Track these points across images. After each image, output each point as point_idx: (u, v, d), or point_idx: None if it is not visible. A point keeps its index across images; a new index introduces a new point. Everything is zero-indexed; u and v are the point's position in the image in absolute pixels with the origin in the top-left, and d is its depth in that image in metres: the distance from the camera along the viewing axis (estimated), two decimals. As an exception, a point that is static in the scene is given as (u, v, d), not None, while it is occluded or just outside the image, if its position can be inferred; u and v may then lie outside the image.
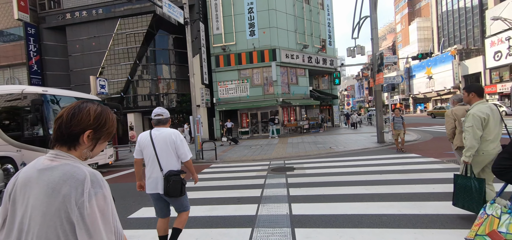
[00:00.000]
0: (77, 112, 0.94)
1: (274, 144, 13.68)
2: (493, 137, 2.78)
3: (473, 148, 2.77)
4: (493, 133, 2.79)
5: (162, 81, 21.47)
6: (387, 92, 11.73)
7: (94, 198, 0.85)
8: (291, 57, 18.47)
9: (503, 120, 2.91)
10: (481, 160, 2.87)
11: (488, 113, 2.77)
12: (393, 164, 6.48)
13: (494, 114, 2.82)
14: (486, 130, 2.79)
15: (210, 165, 8.96)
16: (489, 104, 2.91)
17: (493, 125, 2.79)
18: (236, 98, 18.28)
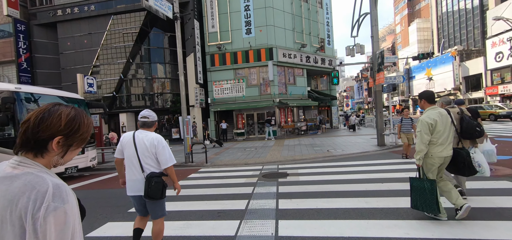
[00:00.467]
0: (47, 116, 0.87)
1: (270, 146, 13.11)
2: (441, 141, 2.93)
3: (422, 152, 2.93)
4: (442, 137, 2.93)
5: (156, 81, 20.88)
6: (388, 93, 11.17)
7: (53, 213, 0.77)
8: (289, 57, 17.92)
9: (454, 124, 3.06)
10: (431, 162, 3.01)
11: (435, 119, 2.92)
12: (396, 171, 5.91)
13: (442, 119, 2.96)
14: (434, 134, 2.93)
15: (199, 169, 8.38)
16: (439, 110, 3.05)
17: (441, 129, 2.93)
18: (231, 99, 17.71)
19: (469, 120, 3.45)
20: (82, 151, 8.03)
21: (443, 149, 2.97)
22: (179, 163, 9.47)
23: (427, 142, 2.94)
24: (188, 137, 9.37)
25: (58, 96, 8.19)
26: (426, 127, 2.95)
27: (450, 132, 3.04)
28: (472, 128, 3.38)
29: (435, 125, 2.94)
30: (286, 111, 18.51)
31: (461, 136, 3.52)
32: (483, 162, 3.43)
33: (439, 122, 2.96)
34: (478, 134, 3.43)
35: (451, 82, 36.53)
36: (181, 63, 9.42)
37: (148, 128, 2.56)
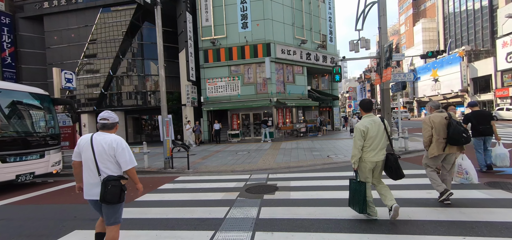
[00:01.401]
0: None
1: (265, 149, 11.92)
2: (373, 146, 3.12)
3: (356, 156, 3.16)
4: (373, 142, 3.12)
5: (149, 78, 19.77)
6: (397, 92, 9.95)
7: None
8: (288, 53, 16.72)
9: (387, 131, 3.23)
10: (364, 166, 3.19)
11: (367, 126, 3.13)
12: (415, 188, 4.67)
13: (375, 126, 3.15)
14: (366, 140, 3.12)
15: (177, 177, 7.21)
16: (373, 118, 3.22)
17: (373, 135, 3.12)
18: (226, 97, 16.55)
19: (456, 125, 3.39)
20: (41, 155, 6.91)
21: (375, 154, 3.12)
22: (157, 168, 8.31)
23: (360, 147, 3.12)
24: (168, 139, 8.21)
25: (18, 90, 7.08)
26: (359, 133, 3.13)
27: (382, 138, 3.18)
28: (459, 133, 3.33)
29: (367, 132, 3.11)
30: (284, 111, 17.31)
31: (447, 141, 3.47)
32: (471, 169, 3.49)
33: (371, 128, 3.12)
34: (464, 140, 3.37)
35: (458, 83, 35.11)
36: (161, 54, 8.27)
37: (108, 130, 2.48)
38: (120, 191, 2.32)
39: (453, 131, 3.38)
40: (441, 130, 3.55)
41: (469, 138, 3.44)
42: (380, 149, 3.14)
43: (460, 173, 3.89)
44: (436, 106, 3.80)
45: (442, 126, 3.53)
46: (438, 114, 3.59)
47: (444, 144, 3.51)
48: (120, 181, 2.35)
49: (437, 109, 3.74)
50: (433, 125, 3.56)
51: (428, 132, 3.61)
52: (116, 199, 2.30)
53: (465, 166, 3.64)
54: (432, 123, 3.58)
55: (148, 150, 13.23)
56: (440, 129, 3.56)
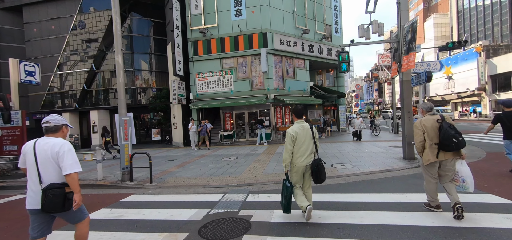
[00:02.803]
0: None
1: (257, 154, 10.07)
2: (301, 152, 3.26)
3: (286, 160, 3.29)
4: (301, 148, 3.27)
5: (137, 73, 18.14)
6: (418, 86, 7.97)
7: None
8: (287, 44, 14.82)
9: (314, 137, 3.37)
10: (294, 169, 3.35)
11: (297, 132, 3.28)
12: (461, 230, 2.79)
13: (303, 132, 3.31)
14: (295, 145, 3.26)
15: (129, 195, 5.44)
16: (303, 124, 3.39)
17: (301, 141, 3.27)
18: (217, 94, 14.76)
19: (446, 129, 3.16)
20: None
21: (304, 159, 3.28)
22: (112, 181, 6.54)
23: (291, 151, 3.27)
24: (126, 144, 6.44)
25: None
26: (289, 138, 3.28)
27: (310, 143, 3.32)
28: (448, 138, 3.11)
29: (296, 137, 3.26)
30: (283, 110, 15.41)
31: (439, 146, 3.25)
32: (468, 177, 3.21)
33: (300, 134, 3.29)
34: (455, 145, 3.10)
35: (474, 81, 32.54)
36: (118, 39, 6.50)
37: (51, 133, 2.36)
38: (63, 200, 2.21)
39: (443, 135, 3.15)
40: (434, 134, 3.29)
41: (460, 143, 3.12)
42: (309, 154, 3.30)
43: (457, 180, 3.40)
44: (428, 108, 3.51)
45: (434, 129, 3.29)
46: (430, 118, 3.37)
47: (437, 149, 3.27)
48: (64, 188, 2.24)
49: (429, 112, 3.47)
50: (425, 129, 3.33)
51: (420, 137, 3.38)
52: (58, 208, 2.20)
53: (462, 173, 3.29)
54: (423, 127, 3.35)
55: (113, 155, 11.52)
56: (433, 133, 3.30)
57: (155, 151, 13.41)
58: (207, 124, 13.72)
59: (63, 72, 17.11)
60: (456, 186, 3.32)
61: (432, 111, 3.47)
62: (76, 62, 16.94)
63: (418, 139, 3.39)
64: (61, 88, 17.32)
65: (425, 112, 3.51)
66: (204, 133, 12.45)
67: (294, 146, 3.24)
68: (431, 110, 3.48)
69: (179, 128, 15.13)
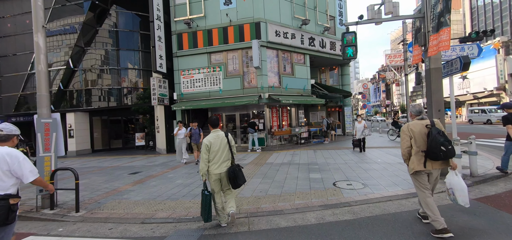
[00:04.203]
0: None
1: (242, 165, 8.16)
2: (216, 160, 3.37)
3: (203, 169, 3.36)
4: (216, 156, 3.37)
5: (122, 72, 16.49)
6: (451, 76, 5.96)
7: None
8: (284, 36, 12.95)
9: (230, 145, 3.47)
10: (210, 178, 3.43)
11: (211, 141, 3.38)
12: None
13: (217, 141, 3.40)
14: (210, 154, 3.36)
15: (28, 235, 3.62)
16: (218, 133, 3.48)
17: (215, 149, 3.36)
18: (204, 94, 12.95)
19: (435, 135, 2.82)
20: None
21: (218, 166, 3.38)
22: (28, 207, 4.74)
23: (206, 160, 3.36)
24: (48, 156, 4.63)
25: None
26: (204, 147, 3.37)
27: (224, 152, 3.41)
28: (436, 145, 2.78)
29: (210, 146, 3.36)
30: (280, 111, 13.49)
31: (426, 154, 2.92)
32: (459, 190, 2.91)
33: (214, 143, 3.38)
34: (443, 154, 2.77)
35: (493, 80, 30.02)
36: (38, 12, 4.74)
37: (2, 142, 2.33)
38: (7, 212, 2.16)
39: (431, 142, 2.82)
40: (421, 140, 2.97)
41: (449, 152, 2.76)
42: (223, 161, 3.40)
43: (448, 192, 3.03)
44: (417, 112, 3.15)
45: (422, 135, 2.96)
46: (418, 122, 3.04)
47: (424, 157, 2.93)
48: (8, 200, 2.18)
49: (418, 116, 3.12)
50: (412, 134, 3.00)
51: (406, 143, 3.05)
52: (2, 221, 2.13)
53: (451, 185, 2.93)
54: (411, 132, 3.02)
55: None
56: (420, 139, 2.97)
57: (127, 159, 11.65)
58: (196, 128, 11.92)
59: (39, 71, 15.60)
60: (449, 198, 3.02)
61: (421, 115, 3.12)
62: (52, 60, 15.41)
63: (404, 144, 3.09)
64: (36, 89, 15.78)
65: (414, 116, 3.18)
66: (197, 139, 8.98)
67: (209, 154, 3.31)
68: (420, 114, 3.14)
69: (162, 132, 13.36)
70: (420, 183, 3.04)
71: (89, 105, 15.92)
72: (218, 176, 3.37)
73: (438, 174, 3.07)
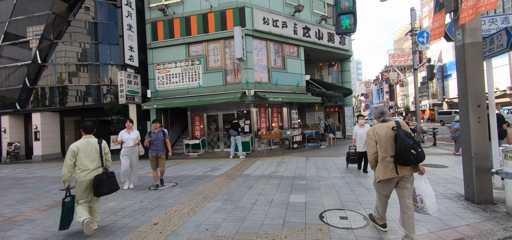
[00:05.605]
0: None
1: (212, 177, 6.43)
2: (84, 166, 3.28)
3: (65, 175, 3.23)
4: (84, 163, 3.30)
5: (102, 69, 14.84)
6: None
7: None
8: (274, 25, 11.21)
9: (101, 151, 3.44)
10: (78, 185, 3.28)
11: (78, 147, 3.30)
12: None
13: (87, 147, 3.36)
14: (77, 160, 3.28)
15: None
16: (89, 139, 3.43)
17: (83, 156, 3.30)
18: (182, 91, 11.26)
19: (404, 138, 2.53)
20: None
21: (87, 173, 3.30)
22: None
23: (71, 166, 3.25)
24: None
25: None
26: (70, 153, 3.25)
27: (95, 159, 3.38)
28: (406, 149, 2.49)
29: (77, 152, 3.28)
30: (269, 111, 11.72)
31: (396, 160, 2.59)
32: (427, 196, 2.63)
33: (83, 149, 3.31)
34: (414, 158, 2.49)
35: (506, 79, 27.96)
36: None
37: None
38: None
39: (399, 146, 2.52)
40: (388, 145, 2.64)
41: (419, 156, 2.49)
42: (94, 168, 3.36)
43: (415, 200, 2.72)
44: (379, 113, 2.87)
45: (389, 139, 2.65)
46: (383, 125, 2.74)
47: (393, 163, 2.60)
48: None
49: (380, 117, 2.84)
50: (378, 139, 2.70)
51: (372, 149, 2.75)
52: None
53: (420, 191, 2.65)
54: (376, 136, 2.71)
55: None
56: (387, 143, 2.65)
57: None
58: (158, 132, 10.18)
59: (4, 66, 14.03)
60: (414, 207, 2.70)
61: (383, 117, 2.80)
62: (17, 53, 13.84)
63: (370, 150, 2.75)
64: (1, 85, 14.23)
65: (377, 118, 2.88)
66: (161, 147, 5.73)
67: (76, 160, 3.28)
68: (382, 116, 2.82)
69: (134, 134, 11.64)
70: (382, 190, 2.81)
71: (61, 104, 14.29)
72: (87, 182, 3.30)
73: (410, 180, 2.72)
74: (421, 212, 2.69)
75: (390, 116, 3.22)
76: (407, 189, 2.67)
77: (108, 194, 3.40)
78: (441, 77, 40.59)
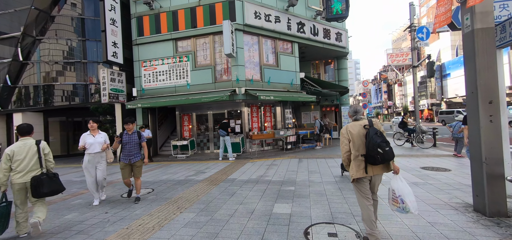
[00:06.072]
0: None
1: (194, 181, 5.87)
2: (20, 168, 3.22)
3: (0, 180, 3.15)
4: (21, 165, 3.22)
5: (89, 67, 14.22)
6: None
7: None
8: (266, 19, 10.66)
9: (39, 153, 3.35)
10: (13, 187, 3.24)
11: (13, 150, 3.23)
12: None
13: (24, 149, 3.26)
14: (13, 162, 3.21)
15: None
16: (26, 141, 3.34)
17: (19, 158, 3.23)
18: (169, 89, 10.68)
19: (372, 135, 2.46)
20: None
21: (22, 175, 3.23)
22: None
23: (6, 170, 3.19)
24: None
25: None
26: (4, 157, 3.19)
27: (31, 161, 3.29)
28: (373, 148, 2.42)
29: (12, 155, 3.21)
30: (261, 110, 11.17)
31: (366, 159, 2.53)
32: (407, 195, 2.53)
33: (17, 152, 3.24)
34: (380, 157, 2.41)
35: (506, 78, 27.54)
36: None
37: None
38: None
39: (368, 144, 2.47)
40: (360, 143, 2.59)
41: (387, 154, 2.41)
42: (29, 170, 3.27)
43: (395, 201, 2.64)
44: (352, 111, 2.81)
45: (361, 137, 2.59)
46: (357, 123, 2.66)
47: (364, 162, 2.55)
48: None
49: (353, 116, 2.77)
50: (351, 137, 2.62)
51: (345, 147, 2.68)
52: None
53: (399, 191, 2.56)
54: (349, 134, 2.64)
55: None
56: (359, 142, 2.59)
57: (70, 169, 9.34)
58: (132, 134, 9.63)
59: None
60: (396, 207, 2.64)
61: (356, 116, 2.74)
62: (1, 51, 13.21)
63: (344, 149, 2.71)
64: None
65: (351, 116, 2.83)
66: (136, 153, 4.69)
67: (11, 164, 3.21)
68: (356, 114, 2.75)
69: (119, 135, 11.04)
70: (360, 191, 2.64)
71: (46, 104, 13.65)
72: (21, 185, 3.25)
73: (379, 181, 2.70)
74: (403, 212, 2.60)
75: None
76: (375, 188, 2.68)
77: (51, 195, 3.33)
78: (440, 77, 40.25)
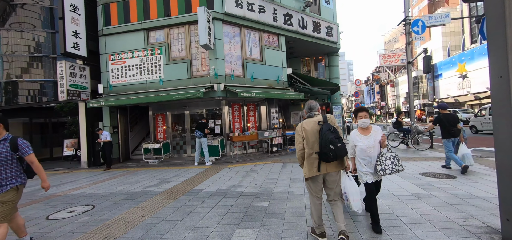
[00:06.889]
0: None
1: (151, 194, 4.76)
2: None
3: None
4: None
5: (59, 61, 12.84)
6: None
7: None
8: (249, 9, 9.62)
9: None
10: None
11: None
12: None
13: None
14: None
15: None
16: None
17: None
18: (141, 85, 9.50)
19: (325, 132, 2.41)
20: None
21: None
22: None
23: None
24: None
25: None
26: None
27: None
28: (325, 145, 2.37)
29: None
30: (244, 109, 10.10)
31: (320, 156, 2.47)
32: (352, 194, 2.66)
33: None
34: (332, 154, 2.36)
35: (497, 78, 27.30)
36: None
37: None
38: None
39: (320, 141, 2.42)
40: (315, 140, 2.49)
41: (338, 150, 2.35)
42: None
43: (342, 197, 2.73)
44: (308, 108, 2.70)
45: (315, 134, 2.50)
46: (311, 120, 2.58)
47: (317, 160, 2.49)
48: None
49: (309, 112, 2.67)
50: (305, 134, 2.54)
51: (299, 145, 2.60)
52: None
53: (346, 189, 2.67)
54: (303, 131, 2.56)
55: None
56: (313, 139, 2.50)
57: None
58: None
59: None
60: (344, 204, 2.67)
61: (310, 113, 2.64)
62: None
63: (298, 146, 2.63)
64: None
65: (306, 112, 2.73)
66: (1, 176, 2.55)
67: None
68: (311, 110, 2.65)
69: (84, 139, 9.79)
70: (311, 189, 2.62)
71: (7, 103, 12.22)
72: None
73: (337, 178, 2.59)
74: (348, 210, 2.56)
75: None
76: (333, 185, 2.55)
77: None
78: (432, 77, 40.13)
